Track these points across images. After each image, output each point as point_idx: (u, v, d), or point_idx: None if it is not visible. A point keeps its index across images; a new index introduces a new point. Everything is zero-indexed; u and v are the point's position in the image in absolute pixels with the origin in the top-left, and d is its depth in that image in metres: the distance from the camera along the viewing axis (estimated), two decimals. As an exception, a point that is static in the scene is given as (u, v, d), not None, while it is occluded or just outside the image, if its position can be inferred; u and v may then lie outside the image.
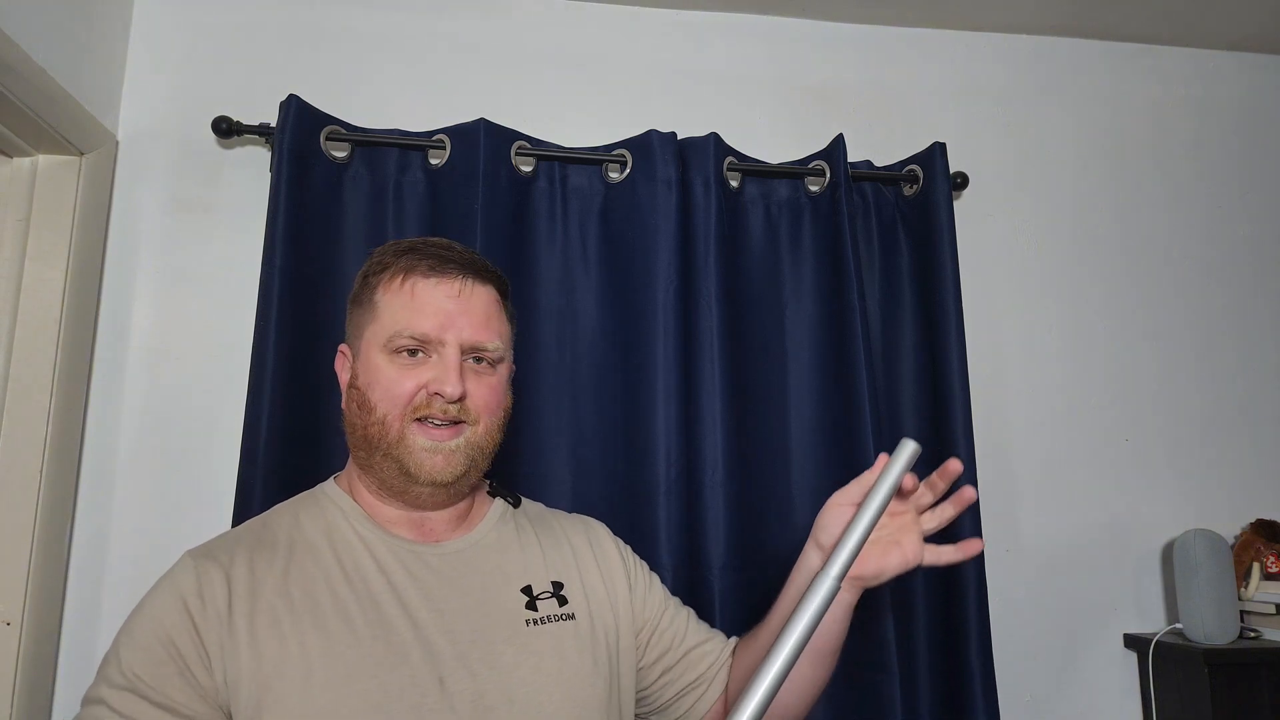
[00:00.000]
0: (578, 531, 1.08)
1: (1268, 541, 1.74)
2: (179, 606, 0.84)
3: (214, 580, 0.86)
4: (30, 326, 1.45)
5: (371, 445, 0.92)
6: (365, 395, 0.93)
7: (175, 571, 0.88)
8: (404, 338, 0.91)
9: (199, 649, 0.82)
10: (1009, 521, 1.75)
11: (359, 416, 0.93)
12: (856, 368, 1.58)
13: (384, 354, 0.92)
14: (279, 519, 0.95)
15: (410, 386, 0.91)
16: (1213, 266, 1.93)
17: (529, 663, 0.90)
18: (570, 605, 0.97)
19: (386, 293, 0.94)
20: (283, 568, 0.88)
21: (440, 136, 1.59)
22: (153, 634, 0.83)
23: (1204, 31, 1.95)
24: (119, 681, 0.81)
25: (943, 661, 1.57)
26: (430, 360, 0.92)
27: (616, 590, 1.04)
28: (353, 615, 0.86)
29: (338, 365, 1.00)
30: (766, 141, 1.76)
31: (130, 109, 1.63)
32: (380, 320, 0.94)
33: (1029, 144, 1.92)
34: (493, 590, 0.94)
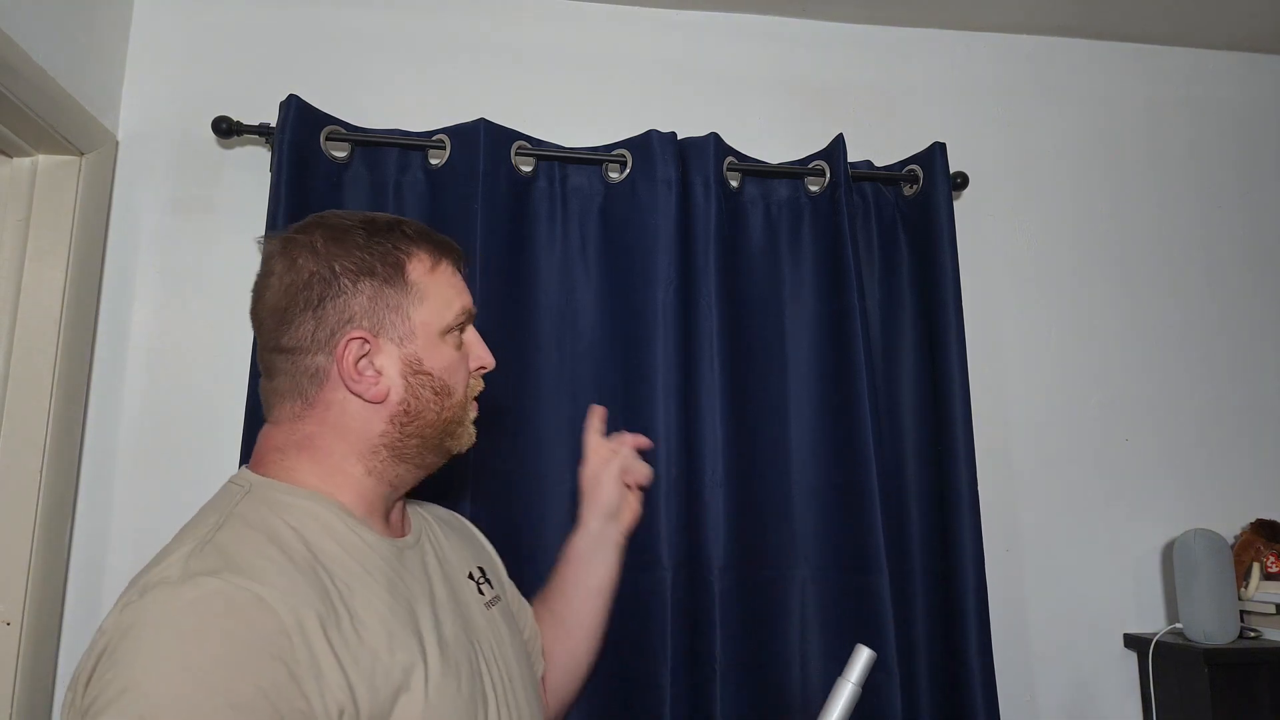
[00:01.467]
0: (460, 522, 1.13)
1: (1268, 541, 1.74)
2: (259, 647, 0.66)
3: (293, 606, 0.70)
4: (30, 326, 1.45)
5: (443, 429, 0.90)
6: (444, 381, 0.89)
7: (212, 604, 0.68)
8: (465, 316, 0.92)
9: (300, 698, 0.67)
10: (1009, 521, 1.75)
11: (434, 403, 0.87)
12: (856, 368, 1.58)
13: (442, 335, 0.90)
14: (263, 524, 0.79)
15: (466, 369, 0.93)
16: (1213, 266, 1.93)
17: (501, 643, 0.93)
18: (496, 588, 1.02)
19: (432, 275, 0.90)
20: (330, 582, 0.76)
21: (440, 136, 1.59)
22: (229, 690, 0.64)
23: (1204, 32, 1.95)
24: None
25: (943, 661, 1.57)
26: (461, 338, 0.94)
27: (504, 574, 1.12)
28: (399, 613, 0.79)
29: (350, 353, 0.84)
30: (766, 141, 1.76)
31: (130, 109, 1.63)
32: (431, 303, 0.88)
33: (1029, 144, 1.92)
34: (454, 580, 0.95)
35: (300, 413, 0.86)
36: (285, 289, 0.86)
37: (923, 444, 1.66)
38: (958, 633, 1.55)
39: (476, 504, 1.41)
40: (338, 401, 0.85)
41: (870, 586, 1.51)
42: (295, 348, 0.85)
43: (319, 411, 0.85)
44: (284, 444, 0.86)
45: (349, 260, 0.86)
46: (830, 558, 1.56)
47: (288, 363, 0.86)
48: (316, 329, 0.85)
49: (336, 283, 0.85)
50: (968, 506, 1.58)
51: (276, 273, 0.87)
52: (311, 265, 0.85)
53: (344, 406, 0.85)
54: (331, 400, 0.85)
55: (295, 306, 0.85)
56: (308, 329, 0.85)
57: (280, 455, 0.86)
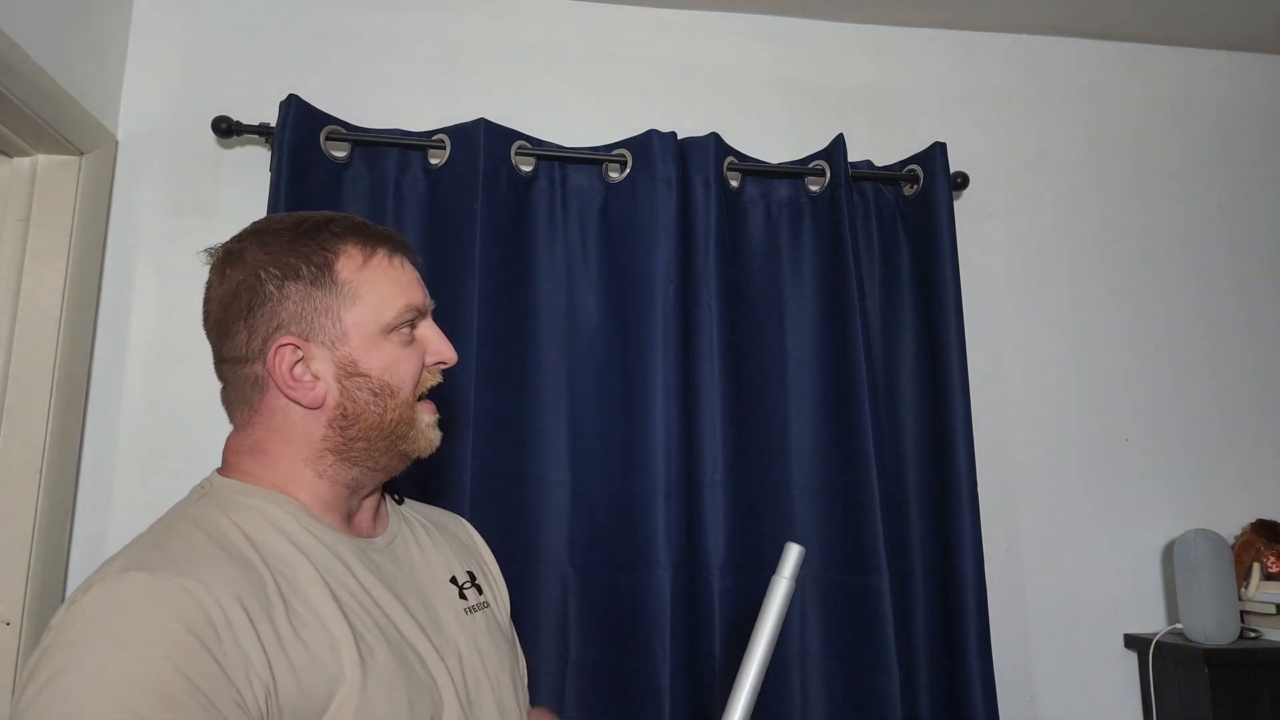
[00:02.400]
0: (460, 527, 1.10)
1: (1268, 541, 1.74)
2: (186, 641, 0.67)
3: (219, 601, 0.70)
4: (30, 326, 1.45)
5: (386, 431, 0.87)
6: (384, 380, 0.86)
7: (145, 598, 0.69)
8: (410, 312, 0.88)
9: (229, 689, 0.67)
10: (1009, 521, 1.75)
11: (374, 404, 0.85)
12: (856, 367, 1.58)
13: (384, 333, 0.86)
14: (210, 524, 0.80)
15: (417, 365, 0.89)
16: (1214, 266, 1.93)
17: (478, 648, 0.92)
18: (485, 594, 1.00)
19: (365, 270, 0.86)
20: (270, 578, 0.77)
21: (440, 136, 1.59)
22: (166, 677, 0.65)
23: (1204, 31, 1.95)
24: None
25: (943, 661, 1.57)
26: (412, 334, 0.90)
27: (500, 585, 1.07)
28: (349, 611, 0.80)
29: (282, 361, 0.84)
30: (766, 141, 1.76)
31: (130, 109, 1.63)
32: (367, 300, 0.86)
33: (1029, 144, 1.92)
34: (428, 583, 0.93)
35: (249, 419, 0.87)
36: (219, 300, 0.86)
37: (923, 444, 1.66)
38: (958, 632, 1.55)
39: (475, 503, 1.41)
40: (280, 408, 0.85)
41: (870, 586, 1.51)
42: (235, 358, 0.86)
43: (264, 418, 0.86)
44: (240, 449, 0.88)
45: (274, 266, 0.85)
46: (830, 558, 1.56)
47: (232, 372, 0.87)
48: (250, 338, 0.85)
49: (262, 289, 0.84)
50: (968, 506, 1.58)
51: (213, 284, 0.88)
52: (239, 274, 0.85)
53: (286, 413, 0.85)
54: (275, 407, 0.86)
55: (229, 317, 0.85)
56: (242, 339, 0.85)
57: (238, 459, 0.88)
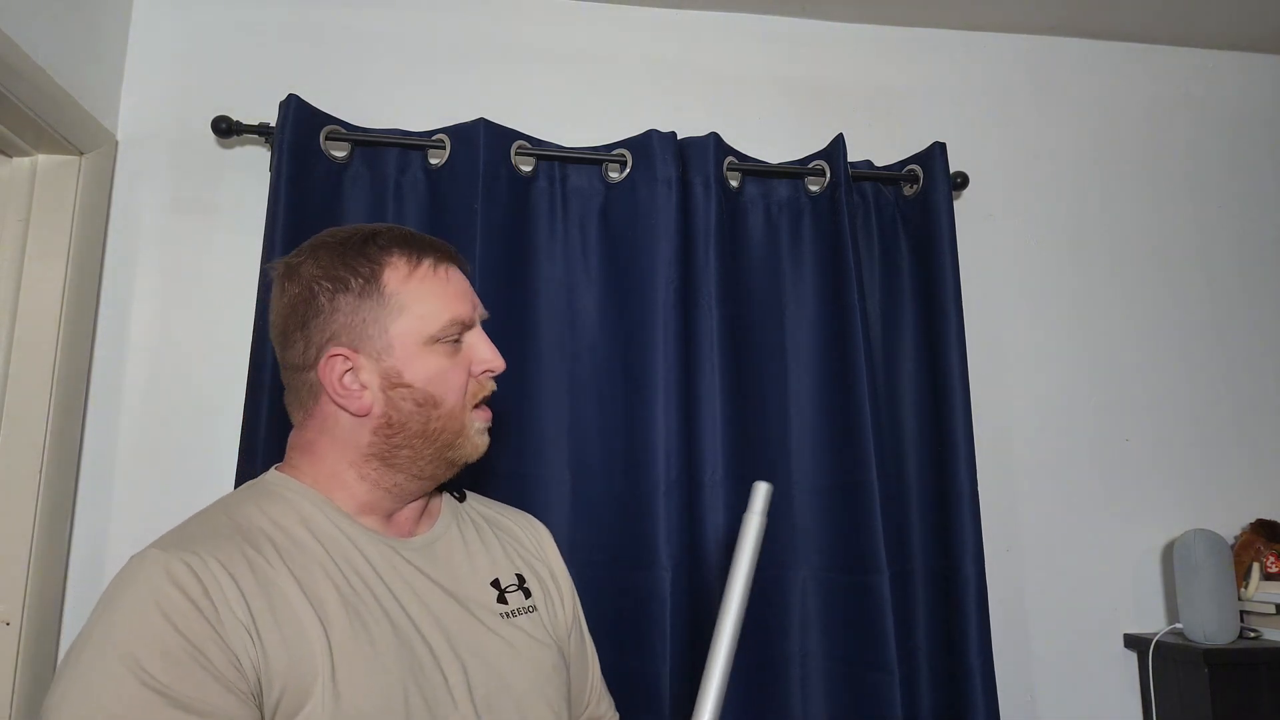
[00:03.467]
0: (525, 527, 1.09)
1: (1268, 541, 1.74)
2: (187, 608, 0.74)
3: (215, 574, 0.77)
4: (30, 326, 1.45)
5: (430, 439, 0.90)
6: (428, 392, 0.89)
7: (155, 574, 0.76)
8: (455, 326, 0.91)
9: (224, 648, 0.74)
10: (1009, 521, 1.75)
11: (418, 414, 0.89)
12: (856, 367, 1.58)
13: (428, 345, 0.89)
14: (241, 512, 0.86)
15: (464, 375, 0.92)
16: (1214, 265, 1.93)
17: (509, 654, 0.92)
18: (534, 598, 0.99)
19: (410, 282, 0.89)
20: (278, 560, 0.82)
21: (440, 136, 1.59)
22: (165, 636, 0.72)
23: (1203, 31, 1.95)
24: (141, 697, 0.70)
25: (943, 661, 1.57)
26: (461, 344, 0.93)
27: (562, 591, 1.06)
28: (355, 605, 0.83)
29: (332, 370, 0.88)
30: (766, 141, 1.76)
31: (130, 109, 1.63)
32: (413, 312, 0.89)
33: (1029, 144, 1.92)
34: (465, 584, 0.94)
35: (303, 421, 0.93)
36: (280, 312, 0.93)
37: (923, 443, 1.66)
38: (958, 632, 1.55)
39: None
40: (330, 413, 0.91)
41: (870, 586, 1.51)
42: (294, 365, 0.92)
43: (317, 421, 0.92)
44: (295, 445, 0.94)
45: (326, 279, 0.90)
46: (830, 557, 1.56)
47: (291, 378, 0.93)
48: (306, 348, 0.90)
49: (315, 302, 0.89)
50: (968, 506, 1.58)
51: (275, 297, 0.94)
52: (295, 288, 0.91)
53: (335, 418, 0.91)
54: (326, 412, 0.91)
55: (289, 328, 0.91)
56: (299, 348, 0.91)
57: (293, 454, 0.94)
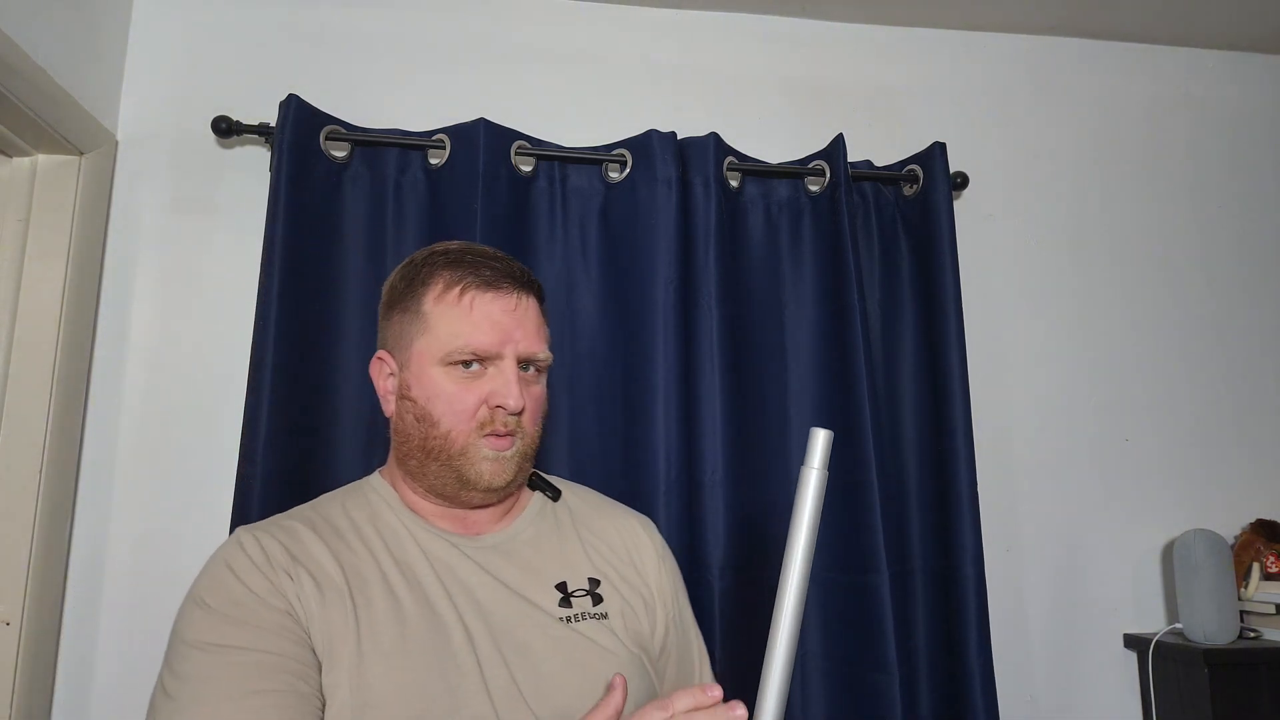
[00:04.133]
0: (622, 530, 1.06)
1: (1268, 541, 1.74)
2: (246, 563, 0.86)
3: (274, 548, 0.88)
4: (30, 326, 1.45)
5: (430, 455, 0.93)
6: (425, 409, 0.92)
7: (231, 544, 0.89)
8: (465, 353, 0.91)
9: (280, 595, 0.84)
10: (1009, 521, 1.75)
11: (417, 429, 0.93)
12: (856, 367, 1.58)
13: (440, 367, 0.92)
14: (326, 506, 0.97)
15: (473, 402, 0.92)
16: (1214, 265, 1.93)
17: (560, 659, 0.90)
18: (605, 604, 0.97)
19: (440, 304, 0.93)
20: (335, 546, 0.90)
21: (440, 136, 1.59)
22: (231, 586, 0.84)
23: (1203, 31, 1.95)
24: (212, 640, 0.81)
25: (943, 661, 1.57)
26: (487, 373, 0.93)
27: (653, 597, 1.02)
28: (400, 598, 0.88)
29: (374, 371, 0.99)
30: (766, 141, 1.76)
31: (130, 109, 1.63)
32: (434, 332, 0.93)
33: (1029, 144, 1.92)
34: (528, 585, 0.94)
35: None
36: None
37: (923, 443, 1.66)
38: (958, 632, 1.55)
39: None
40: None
41: (870, 586, 1.51)
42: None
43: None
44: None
45: (391, 292, 0.99)
46: (830, 558, 1.56)
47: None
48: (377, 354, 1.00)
49: (381, 312, 1.00)
50: (968, 506, 1.58)
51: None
52: (381, 299, 1.01)
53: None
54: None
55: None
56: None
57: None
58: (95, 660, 1.46)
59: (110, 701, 1.45)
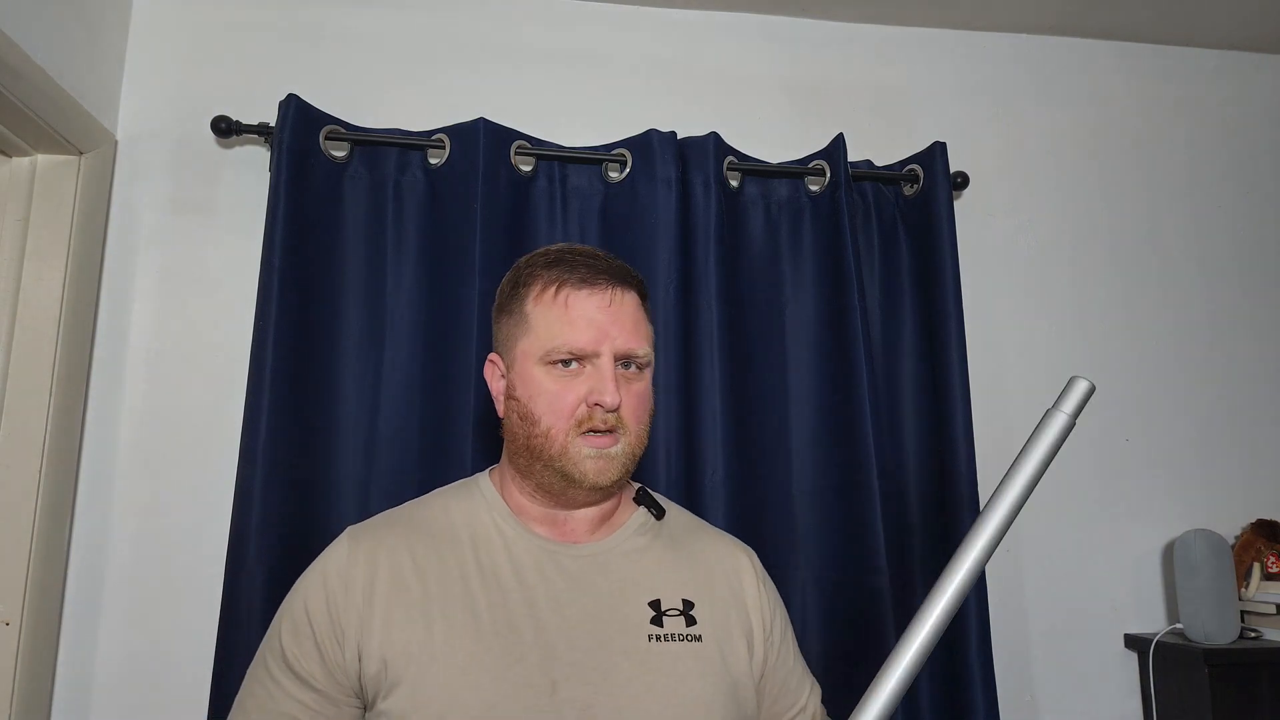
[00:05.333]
0: (723, 555, 1.04)
1: (1268, 541, 1.74)
2: (320, 584, 0.91)
3: (360, 560, 0.92)
4: (29, 326, 1.45)
5: (534, 454, 0.94)
6: (528, 408, 0.94)
7: (331, 548, 0.95)
8: (562, 352, 0.92)
9: (333, 626, 0.89)
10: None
11: (521, 428, 0.95)
12: (856, 367, 1.58)
13: (541, 366, 0.93)
14: (433, 504, 1.00)
15: (572, 400, 0.92)
16: (1214, 265, 1.92)
17: (644, 679, 0.88)
18: (699, 626, 0.94)
19: (538, 305, 0.95)
20: (425, 553, 0.93)
21: (440, 136, 1.59)
22: (299, 608, 0.92)
23: (1203, 31, 1.95)
24: (275, 648, 0.91)
25: (943, 662, 1.57)
26: (585, 370, 0.93)
27: (751, 625, 1.00)
28: (479, 610, 0.89)
29: (488, 373, 1.01)
30: (766, 141, 1.76)
31: (129, 109, 1.63)
32: (534, 333, 0.95)
33: (1029, 143, 1.91)
34: (619, 599, 0.93)
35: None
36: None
37: (923, 443, 1.66)
38: (958, 633, 1.55)
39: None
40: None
41: (871, 586, 1.51)
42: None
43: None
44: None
45: (500, 297, 1.01)
46: (831, 558, 1.56)
47: None
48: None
49: (494, 316, 1.02)
50: (968, 506, 1.58)
51: None
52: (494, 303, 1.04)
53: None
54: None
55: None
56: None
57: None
58: (95, 660, 1.46)
59: (110, 701, 1.45)
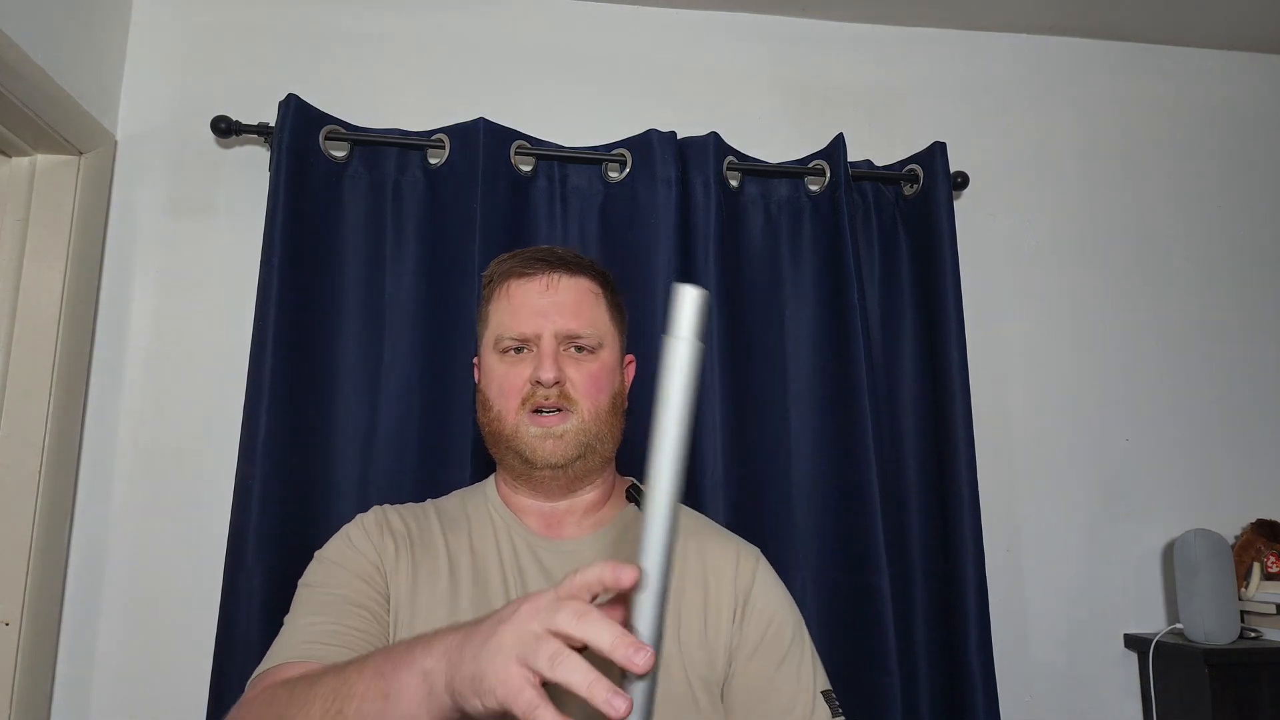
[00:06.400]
0: (719, 554, 1.00)
1: (1268, 541, 1.74)
2: (362, 532, 0.99)
3: (393, 523, 1.00)
4: (29, 326, 1.45)
5: (495, 439, 1.00)
6: (485, 395, 1.01)
7: (365, 513, 1.03)
8: (507, 339, 0.99)
9: (378, 558, 0.96)
10: (1009, 521, 1.75)
11: (483, 415, 1.02)
12: (856, 368, 1.57)
13: (494, 355, 1.00)
14: (454, 497, 1.09)
15: (516, 380, 0.98)
16: (1213, 265, 1.92)
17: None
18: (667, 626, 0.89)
19: (493, 302, 1.03)
20: (433, 532, 1.00)
21: (439, 136, 1.59)
22: (343, 546, 0.98)
23: (1204, 31, 1.95)
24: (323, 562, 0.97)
25: (943, 662, 1.57)
26: (532, 354, 0.98)
27: (719, 631, 0.96)
28: (461, 590, 0.95)
29: (476, 377, 1.08)
30: (766, 141, 1.76)
31: (129, 108, 1.63)
32: (489, 325, 1.03)
33: (1029, 143, 1.91)
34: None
35: None
36: None
37: (923, 444, 1.65)
38: (958, 633, 1.54)
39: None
40: None
41: (871, 586, 1.51)
42: None
43: None
44: None
45: (479, 304, 1.07)
46: (831, 558, 1.56)
47: None
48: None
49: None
50: (968, 506, 1.57)
51: None
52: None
53: None
54: None
55: None
56: None
57: None
58: (94, 660, 1.46)
59: (109, 702, 1.45)
